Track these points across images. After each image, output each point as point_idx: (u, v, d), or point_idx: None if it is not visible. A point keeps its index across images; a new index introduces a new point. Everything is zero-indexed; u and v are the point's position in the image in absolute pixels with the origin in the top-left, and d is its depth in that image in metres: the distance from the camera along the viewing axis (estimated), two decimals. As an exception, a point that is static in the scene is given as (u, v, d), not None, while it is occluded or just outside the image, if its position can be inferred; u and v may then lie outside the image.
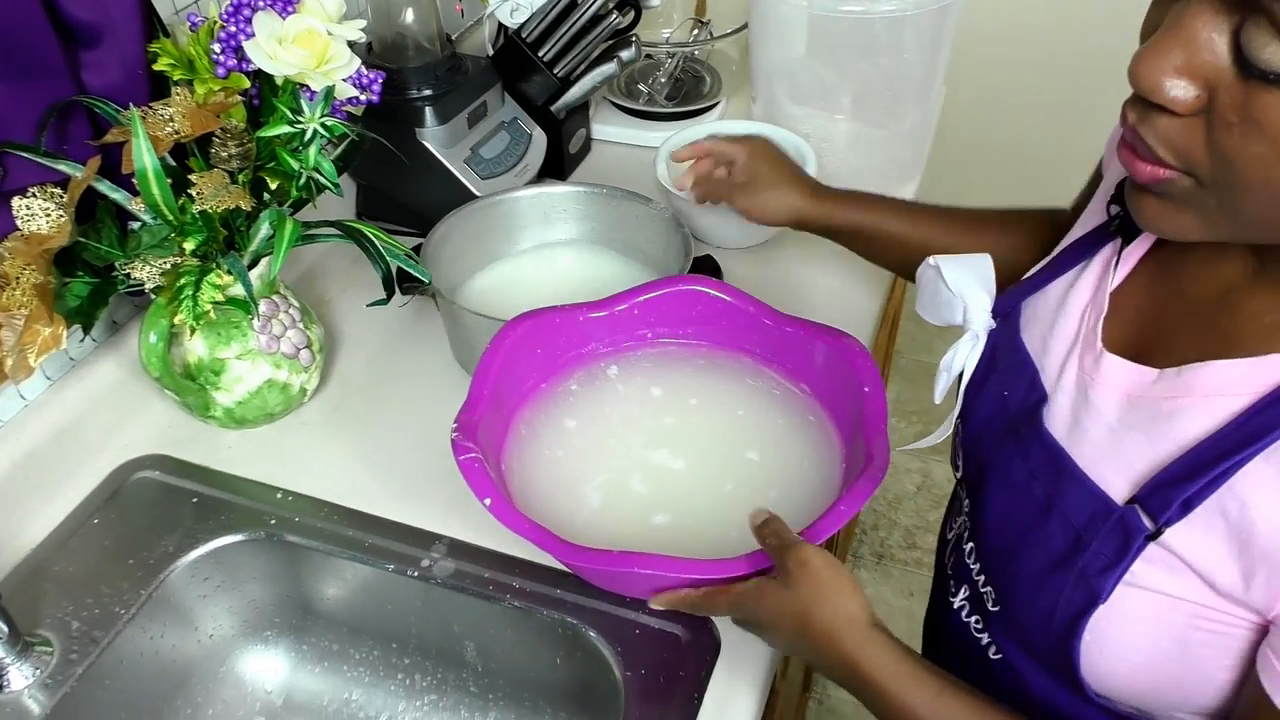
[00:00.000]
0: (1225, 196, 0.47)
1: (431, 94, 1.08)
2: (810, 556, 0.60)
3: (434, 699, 0.88)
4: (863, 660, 0.58)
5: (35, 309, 0.76)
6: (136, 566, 0.82)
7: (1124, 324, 0.59)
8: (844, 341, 0.80)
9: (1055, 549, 0.57)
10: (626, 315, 0.87)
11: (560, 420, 0.83)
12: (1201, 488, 0.50)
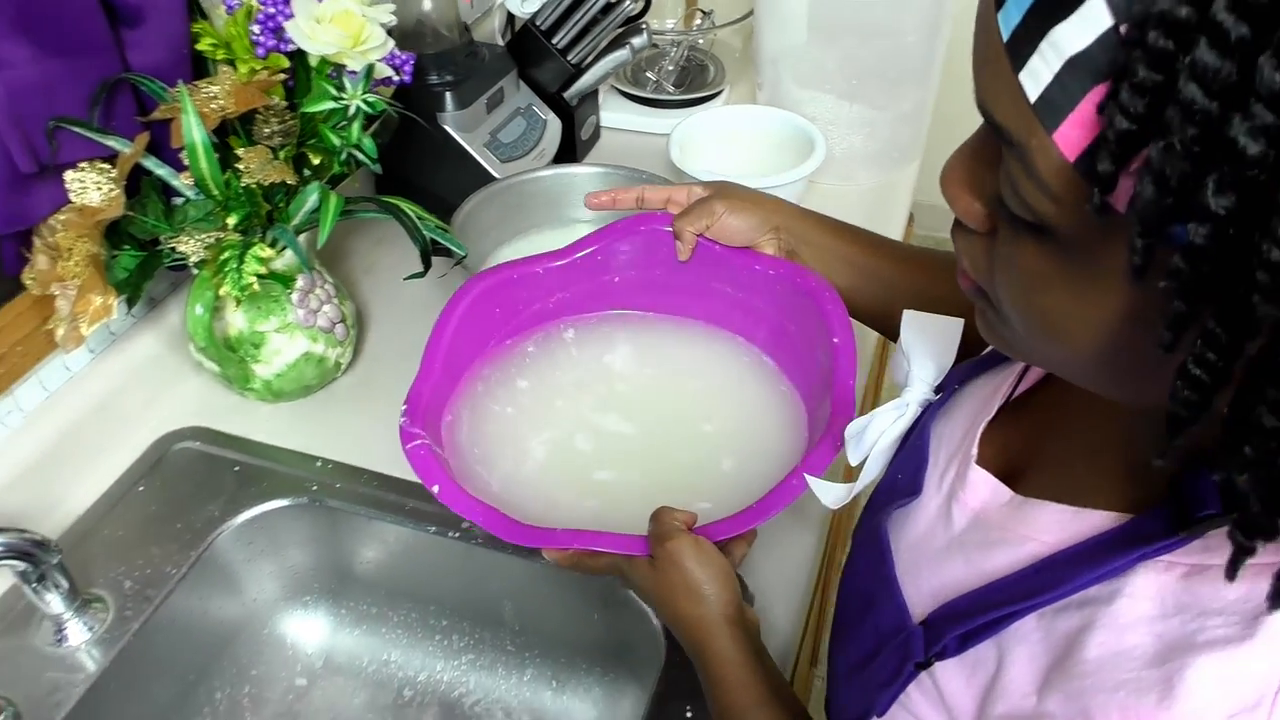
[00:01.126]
0: (1009, 326, 0.44)
1: (451, 80, 1.11)
2: (679, 550, 0.62)
3: (471, 658, 0.91)
4: (707, 652, 0.61)
5: (88, 279, 0.79)
6: (184, 530, 0.85)
7: (1007, 438, 0.55)
8: (813, 282, 0.76)
9: (862, 650, 0.56)
10: (589, 261, 0.82)
11: (513, 380, 0.82)
12: (978, 629, 0.47)
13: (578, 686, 0.89)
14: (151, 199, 0.83)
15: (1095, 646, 0.42)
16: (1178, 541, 0.41)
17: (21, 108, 0.73)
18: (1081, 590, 0.43)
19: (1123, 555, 0.42)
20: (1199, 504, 0.40)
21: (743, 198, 0.79)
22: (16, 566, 0.72)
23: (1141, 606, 0.41)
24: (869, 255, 0.78)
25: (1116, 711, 0.40)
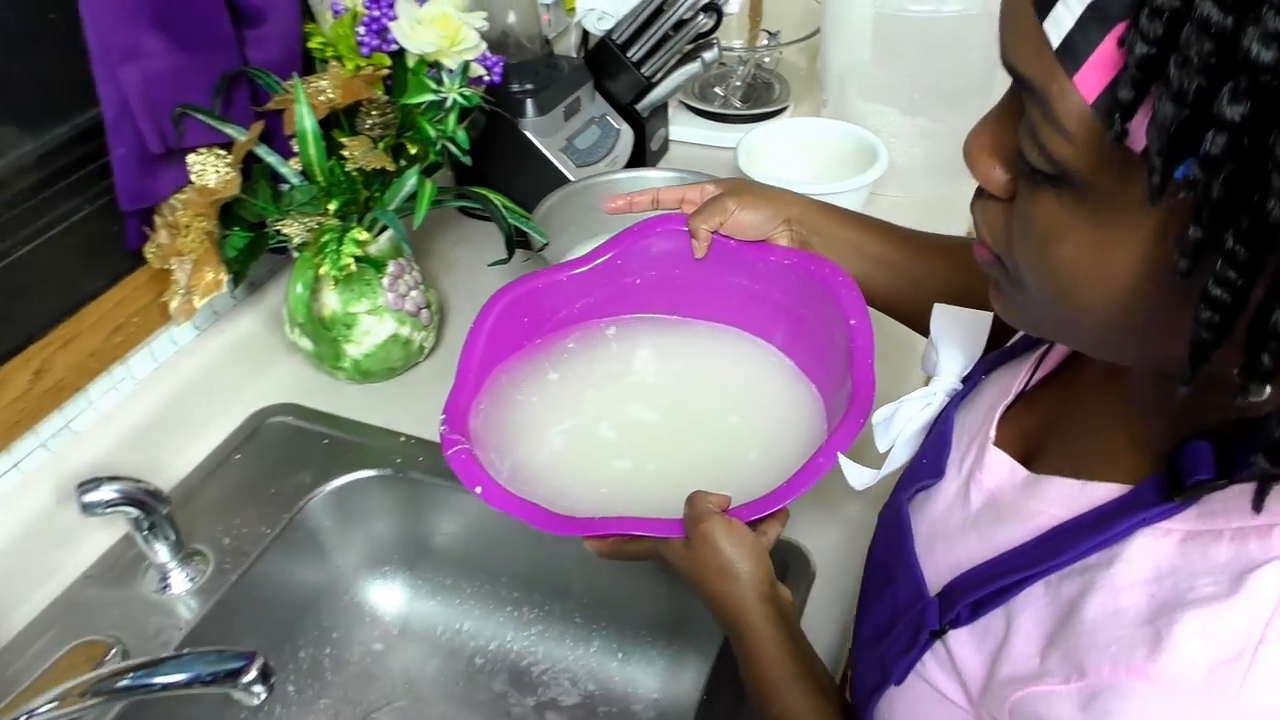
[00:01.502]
0: (1023, 292, 0.45)
1: (532, 88, 1.17)
2: (712, 530, 0.64)
3: (540, 629, 0.95)
4: (744, 629, 0.62)
5: (203, 254, 0.85)
6: (277, 495, 0.90)
7: (1025, 423, 0.57)
8: (826, 269, 0.78)
9: (880, 622, 0.58)
10: (610, 266, 0.85)
11: (544, 372, 0.84)
12: (988, 596, 0.49)
13: (642, 658, 0.92)
14: (261, 185, 0.90)
15: (1093, 608, 0.44)
16: (1173, 508, 0.43)
17: (153, 94, 0.80)
18: (1084, 558, 0.45)
19: (1122, 523, 0.44)
20: (1192, 472, 0.42)
21: (754, 193, 0.81)
22: (130, 513, 0.78)
23: (1137, 570, 0.43)
24: (881, 243, 0.79)
25: (1108, 664, 0.41)
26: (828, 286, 0.77)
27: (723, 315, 0.86)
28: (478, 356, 0.79)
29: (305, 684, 0.91)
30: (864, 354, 0.72)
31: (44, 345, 0.81)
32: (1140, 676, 0.40)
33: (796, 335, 0.82)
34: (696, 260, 0.83)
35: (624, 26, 1.26)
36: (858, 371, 0.71)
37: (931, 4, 1.16)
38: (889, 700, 0.55)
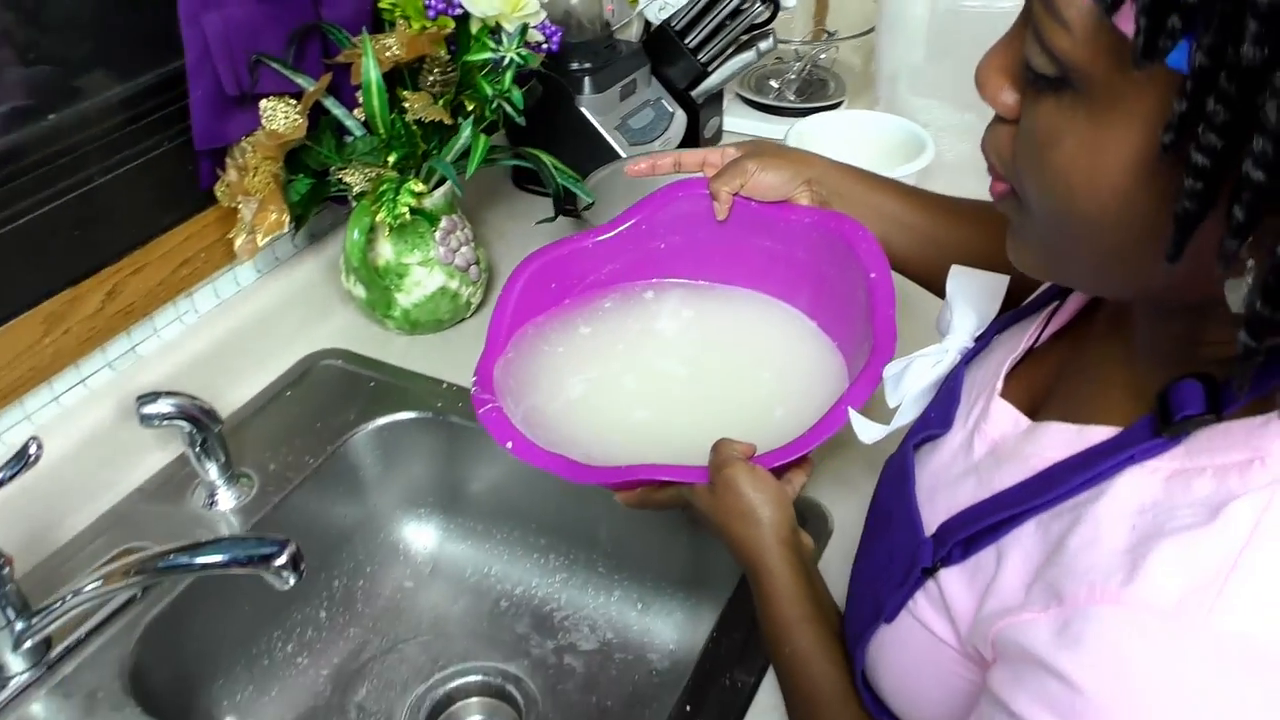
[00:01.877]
0: (1037, 226, 0.47)
1: (590, 67, 1.22)
2: (735, 475, 0.66)
3: (564, 577, 0.99)
4: (762, 571, 0.64)
5: (268, 195, 0.90)
6: (323, 430, 0.95)
7: (1033, 376, 0.58)
8: (846, 225, 0.79)
9: (876, 563, 0.59)
10: (634, 231, 0.86)
11: (576, 327, 0.86)
12: (979, 533, 0.50)
13: (660, 610, 0.95)
14: (326, 135, 0.95)
15: (1076, 539, 0.45)
16: (1161, 445, 0.44)
17: (232, 41, 0.85)
18: (1073, 495, 0.47)
19: (1111, 460, 0.45)
20: (1180, 408, 0.43)
21: (774, 154, 0.83)
22: (184, 427, 0.83)
23: (1122, 504, 0.44)
24: (901, 205, 0.80)
25: (1085, 589, 0.42)
26: (848, 242, 0.78)
27: (746, 276, 0.89)
28: (507, 321, 0.82)
29: (337, 612, 0.95)
30: (884, 307, 0.74)
31: (117, 270, 0.87)
32: (1113, 601, 0.41)
33: (819, 293, 0.84)
34: (719, 223, 0.85)
35: (682, 13, 1.30)
36: (878, 324, 0.73)
37: (985, 0, 1.18)
38: (879, 641, 0.56)
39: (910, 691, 0.55)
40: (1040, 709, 0.42)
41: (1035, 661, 0.43)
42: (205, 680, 0.85)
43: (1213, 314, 0.44)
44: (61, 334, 0.84)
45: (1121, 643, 0.40)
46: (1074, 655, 0.41)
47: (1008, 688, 0.44)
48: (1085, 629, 0.41)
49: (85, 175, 0.83)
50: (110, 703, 0.72)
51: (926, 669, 0.53)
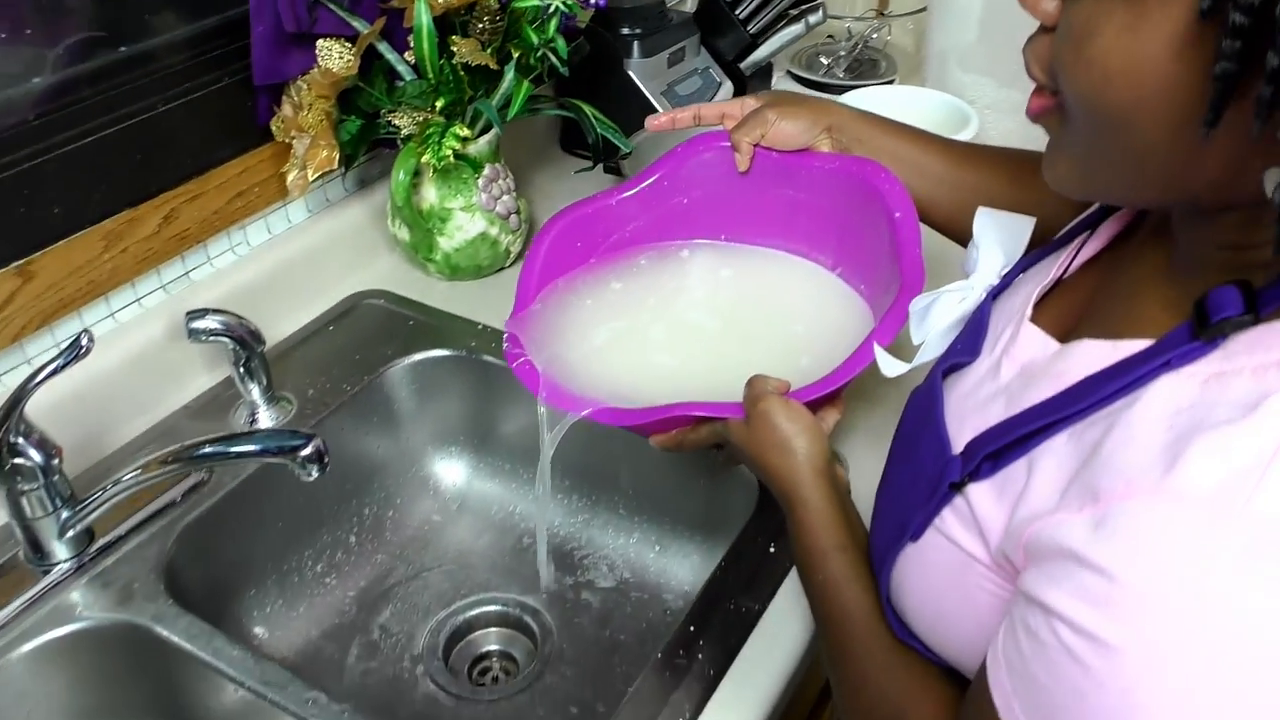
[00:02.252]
0: (1076, 133, 0.47)
1: (640, 32, 1.24)
2: (770, 408, 0.67)
3: (586, 518, 1.01)
4: (796, 500, 0.65)
5: (320, 131, 0.94)
6: (361, 361, 0.99)
7: (1063, 305, 0.59)
8: (867, 167, 0.80)
9: (901, 485, 0.59)
10: (657, 187, 0.88)
11: (608, 282, 0.88)
12: (1007, 446, 0.50)
13: (677, 552, 0.97)
14: (378, 78, 0.99)
15: (1110, 443, 0.44)
16: (1197, 350, 0.44)
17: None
18: (1107, 404, 0.46)
19: (1146, 366, 0.45)
20: (1218, 310, 0.43)
21: (794, 102, 0.84)
22: (229, 344, 0.87)
23: (1158, 409, 0.44)
24: (921, 150, 0.81)
25: (1121, 485, 0.42)
26: (872, 185, 0.80)
27: (770, 227, 0.90)
28: (535, 276, 0.85)
29: (366, 538, 0.99)
30: (911, 247, 0.75)
31: (175, 195, 0.91)
32: (1150, 493, 0.41)
33: (844, 240, 0.86)
34: (741, 175, 0.86)
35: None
36: (905, 264, 0.75)
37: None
38: (905, 561, 0.56)
39: (935, 611, 0.56)
40: (1074, 601, 0.42)
41: (1069, 556, 0.43)
42: (237, 589, 0.89)
43: (1251, 219, 0.45)
44: (119, 252, 0.88)
45: (1159, 531, 0.40)
46: (1110, 546, 0.41)
47: (1040, 586, 0.44)
48: (1122, 522, 0.41)
49: (149, 103, 0.88)
50: (145, 594, 0.76)
51: (953, 587, 0.54)
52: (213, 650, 0.72)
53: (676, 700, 0.67)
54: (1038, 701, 0.44)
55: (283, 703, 0.69)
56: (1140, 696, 0.40)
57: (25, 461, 0.73)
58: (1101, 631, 0.41)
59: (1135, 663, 0.40)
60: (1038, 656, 0.44)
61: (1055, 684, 0.43)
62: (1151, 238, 0.54)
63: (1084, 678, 0.41)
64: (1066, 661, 0.42)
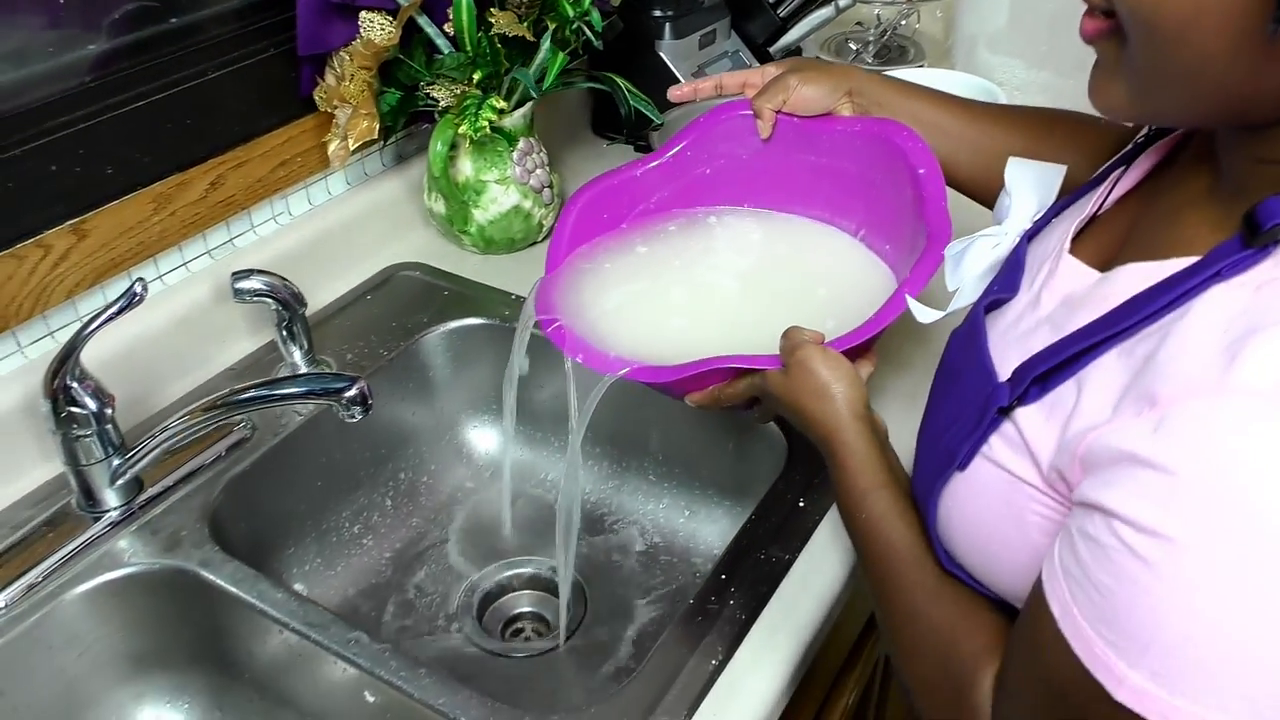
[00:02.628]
0: (1132, 51, 0.48)
1: (672, 14, 1.26)
2: (809, 355, 0.68)
3: (616, 484, 1.03)
4: (837, 443, 0.65)
5: (361, 101, 0.97)
6: (398, 329, 1.01)
7: (1101, 238, 0.59)
8: (889, 126, 0.81)
9: (946, 417, 0.60)
10: (681, 158, 0.89)
11: (632, 245, 0.89)
12: (1055, 368, 0.51)
13: (706, 517, 0.98)
14: (418, 52, 1.01)
15: (1165, 351, 0.45)
16: (1247, 259, 0.44)
17: (337, -49, 0.92)
18: (1157, 319, 0.47)
19: (1196, 278, 0.45)
20: (1270, 217, 0.44)
21: (815, 67, 0.85)
22: (271, 305, 0.89)
23: (1212, 316, 0.44)
24: (940, 111, 0.82)
25: (1180, 387, 0.43)
26: (895, 143, 0.81)
27: (795, 193, 0.91)
28: (564, 248, 0.86)
29: (401, 501, 1.01)
30: (936, 200, 0.76)
31: (222, 161, 0.94)
32: (1211, 392, 0.42)
33: (869, 201, 0.87)
34: (764, 143, 0.88)
35: (765, -32, 1.33)
36: (931, 217, 0.76)
37: (1065, -42, 1.19)
38: (952, 492, 0.57)
39: (985, 538, 0.56)
40: (1136, 500, 0.42)
41: (1129, 459, 0.43)
42: (277, 545, 0.91)
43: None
44: (168, 215, 0.91)
45: (1221, 426, 0.41)
46: (1171, 444, 0.42)
47: (1099, 491, 0.45)
48: (1182, 420, 0.42)
49: (200, 69, 0.91)
50: (192, 541, 0.79)
51: (1003, 513, 0.54)
52: (258, 593, 0.74)
53: (709, 644, 0.69)
54: (1099, 606, 0.44)
55: (326, 643, 0.71)
56: (1206, 588, 0.41)
57: (80, 410, 0.75)
58: (1164, 527, 0.41)
59: (1200, 555, 0.41)
60: (1098, 560, 0.44)
61: (1117, 585, 0.43)
62: (1192, 164, 0.55)
63: (1147, 574, 0.42)
64: (1128, 560, 0.43)
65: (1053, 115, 0.84)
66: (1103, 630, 0.44)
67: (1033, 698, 0.49)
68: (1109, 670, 0.44)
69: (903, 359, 0.93)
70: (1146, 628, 0.42)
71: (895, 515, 0.62)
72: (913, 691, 0.59)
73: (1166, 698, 0.42)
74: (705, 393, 0.76)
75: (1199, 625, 0.41)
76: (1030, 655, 0.49)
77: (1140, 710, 0.43)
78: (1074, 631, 0.45)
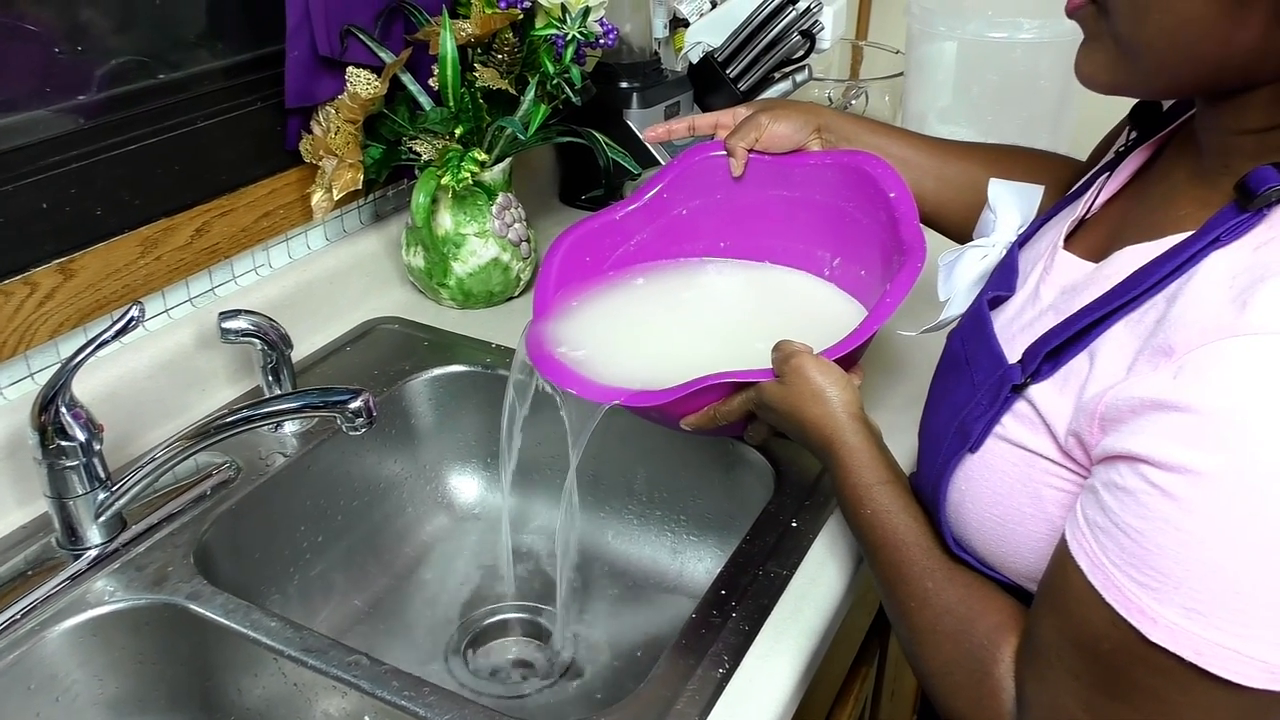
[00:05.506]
0: (1113, 20, 0.51)
1: (639, 86, 1.32)
2: (803, 362, 0.70)
3: (602, 523, 1.03)
4: (837, 444, 0.67)
5: (346, 152, 0.99)
6: (380, 376, 1.01)
7: (1093, 235, 0.62)
8: (858, 156, 0.84)
9: (956, 401, 0.61)
10: (658, 200, 0.92)
11: (618, 288, 0.91)
12: (1066, 343, 0.53)
13: (693, 555, 0.98)
14: (401, 107, 1.04)
15: (1175, 310, 0.47)
16: (1244, 223, 0.48)
17: (330, 9, 0.96)
18: (1161, 288, 0.50)
19: (1196, 246, 0.49)
20: (1262, 183, 0.47)
21: (785, 105, 0.89)
22: (256, 345, 0.90)
23: (1217, 275, 0.47)
24: (906, 146, 0.86)
25: (1197, 335, 0.45)
26: (863, 170, 0.84)
27: (770, 229, 0.94)
28: (551, 290, 0.88)
29: (385, 546, 1.00)
30: (909, 217, 0.80)
31: (208, 209, 0.95)
32: (1228, 334, 0.43)
33: (843, 229, 0.90)
34: (738, 181, 0.91)
35: (725, 45, 1.41)
36: (907, 235, 0.79)
37: (1008, 31, 1.28)
38: (966, 472, 0.58)
39: (1001, 516, 0.57)
40: (1161, 441, 0.44)
41: (1151, 405, 0.45)
42: (262, 589, 0.89)
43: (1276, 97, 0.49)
44: (154, 259, 0.91)
45: (1239, 364, 0.43)
46: (1192, 385, 0.44)
47: (1123, 440, 0.46)
48: (1202, 363, 0.44)
49: (190, 118, 0.92)
50: (179, 576, 0.77)
51: (1019, 489, 0.55)
52: (251, 623, 0.72)
53: (715, 653, 0.69)
54: (1129, 550, 0.45)
55: (325, 668, 0.69)
56: (1235, 517, 0.42)
57: (68, 441, 0.74)
58: (1192, 462, 0.43)
59: (1229, 485, 0.42)
60: (1126, 507, 0.46)
61: (1148, 526, 0.45)
62: (1176, 155, 0.59)
63: (1178, 511, 0.44)
64: (1158, 500, 0.44)
65: (1014, 149, 0.89)
66: (1133, 574, 0.45)
67: (1062, 659, 0.50)
68: (1142, 613, 0.45)
69: (891, 371, 0.96)
70: (1180, 563, 0.44)
71: (899, 508, 0.64)
72: (929, 675, 0.60)
73: (1200, 631, 0.43)
74: (701, 413, 0.77)
75: (1230, 554, 0.43)
76: (1058, 615, 0.50)
77: (1174, 648, 0.44)
78: (1104, 581, 0.47)
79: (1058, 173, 0.83)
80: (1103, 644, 0.47)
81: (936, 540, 0.62)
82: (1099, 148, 0.78)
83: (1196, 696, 0.45)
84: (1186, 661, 0.44)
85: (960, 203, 0.86)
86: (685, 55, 1.49)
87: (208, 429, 0.73)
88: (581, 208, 1.42)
